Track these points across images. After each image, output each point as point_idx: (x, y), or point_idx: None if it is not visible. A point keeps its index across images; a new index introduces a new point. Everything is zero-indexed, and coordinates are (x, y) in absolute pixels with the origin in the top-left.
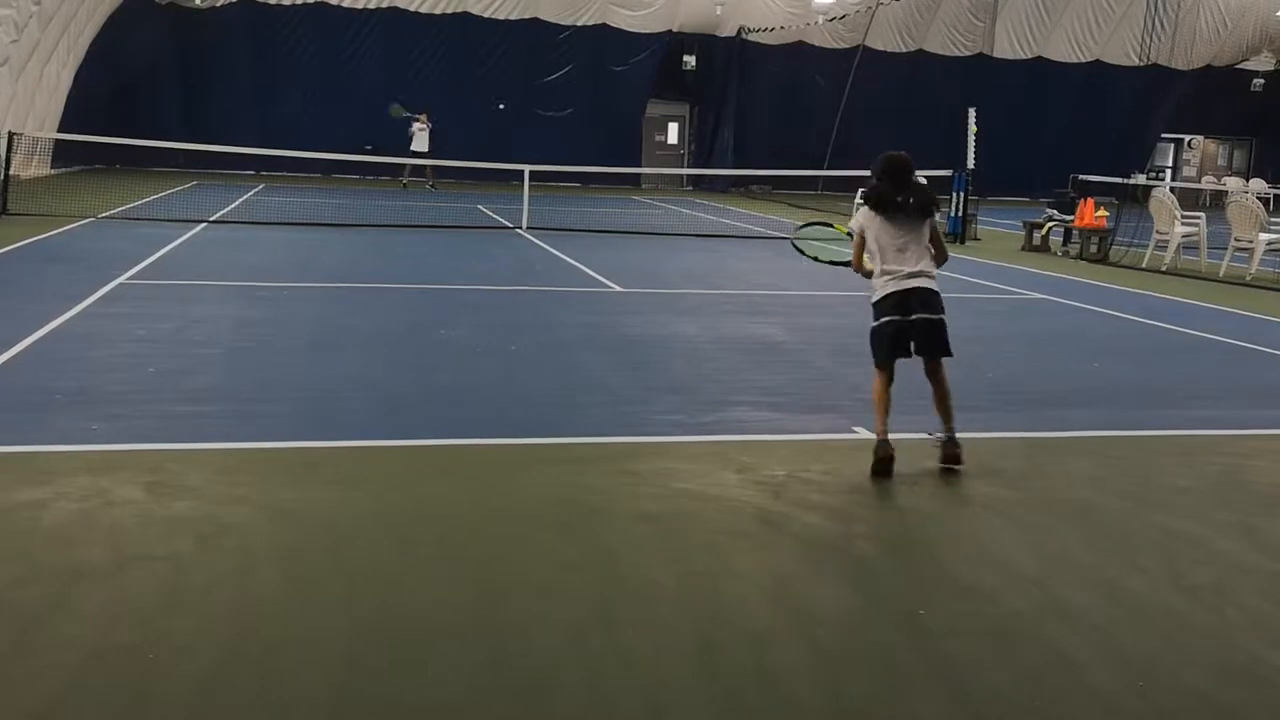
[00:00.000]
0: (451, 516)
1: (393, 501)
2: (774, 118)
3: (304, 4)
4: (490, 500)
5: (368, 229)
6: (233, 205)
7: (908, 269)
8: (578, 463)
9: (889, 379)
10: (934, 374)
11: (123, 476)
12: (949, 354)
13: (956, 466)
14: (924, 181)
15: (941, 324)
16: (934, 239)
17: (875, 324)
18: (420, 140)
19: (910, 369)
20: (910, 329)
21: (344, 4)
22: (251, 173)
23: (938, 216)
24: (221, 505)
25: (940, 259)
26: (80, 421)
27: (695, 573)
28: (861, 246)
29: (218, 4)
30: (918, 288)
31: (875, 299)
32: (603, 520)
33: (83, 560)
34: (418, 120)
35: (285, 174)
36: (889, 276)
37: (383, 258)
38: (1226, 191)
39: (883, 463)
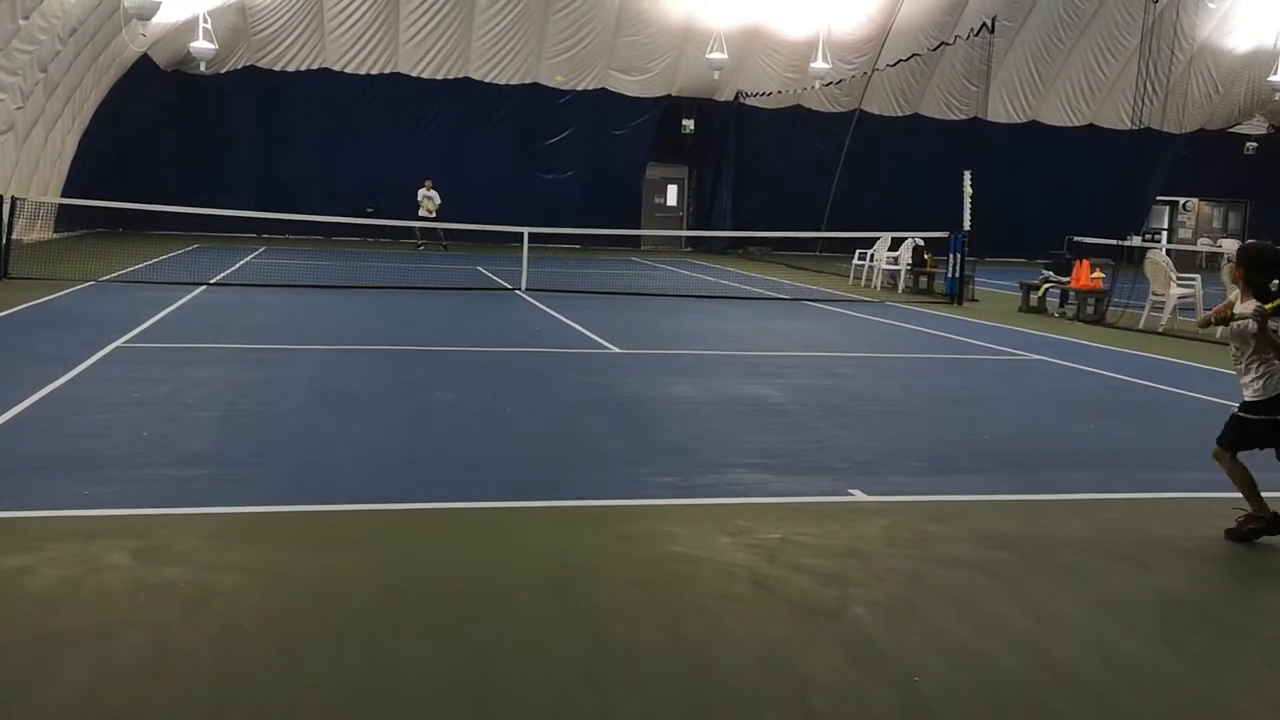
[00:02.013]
0: (442, 580)
1: (384, 565)
2: (772, 180)
3: (308, 70)
4: (482, 564)
5: (367, 291)
6: (233, 268)
7: None
8: (571, 525)
9: (1236, 462)
10: None
11: (112, 542)
12: None
13: None
14: None
15: None
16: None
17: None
18: (428, 205)
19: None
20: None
21: (347, 70)
22: (253, 235)
23: None
24: (211, 570)
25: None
26: (71, 486)
27: (687, 636)
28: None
29: (222, 70)
30: None
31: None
32: (594, 583)
33: (68, 626)
34: (422, 189)
35: (287, 236)
36: None
37: (381, 320)
38: (1222, 253)
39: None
